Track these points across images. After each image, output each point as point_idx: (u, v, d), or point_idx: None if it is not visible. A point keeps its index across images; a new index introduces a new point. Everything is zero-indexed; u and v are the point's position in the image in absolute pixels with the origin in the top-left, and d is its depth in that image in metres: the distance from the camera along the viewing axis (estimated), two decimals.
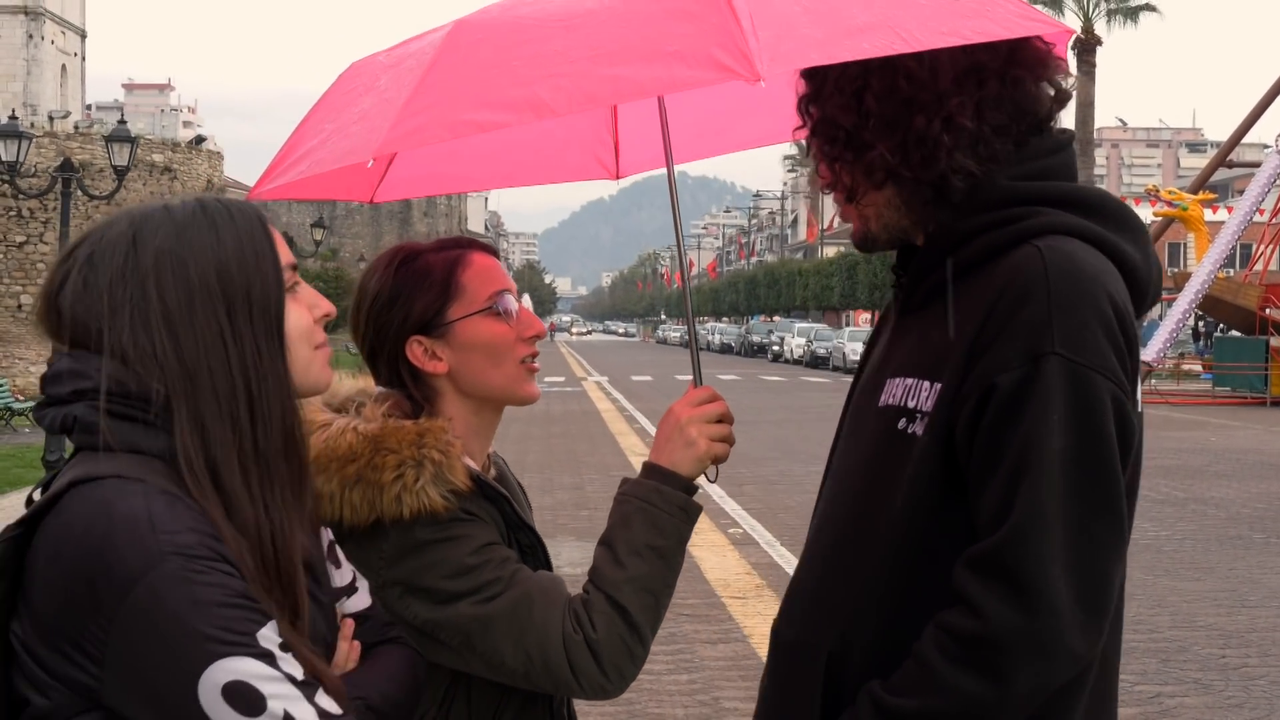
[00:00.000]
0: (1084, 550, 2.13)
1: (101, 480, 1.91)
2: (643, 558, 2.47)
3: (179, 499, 1.91)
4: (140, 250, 2.01)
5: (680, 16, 2.17)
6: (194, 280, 2.01)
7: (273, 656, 1.87)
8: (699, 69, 2.10)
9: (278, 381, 2.07)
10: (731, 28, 2.09)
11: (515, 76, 2.21)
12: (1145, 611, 10.99)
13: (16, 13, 60.09)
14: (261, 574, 1.97)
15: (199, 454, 1.97)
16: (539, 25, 2.28)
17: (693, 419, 2.54)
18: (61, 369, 2.04)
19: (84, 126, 51.46)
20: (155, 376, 1.97)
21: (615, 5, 2.26)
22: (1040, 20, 2.34)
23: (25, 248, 44.54)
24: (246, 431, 2.02)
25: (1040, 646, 2.11)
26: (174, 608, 1.83)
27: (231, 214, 2.08)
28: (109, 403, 1.97)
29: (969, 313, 2.24)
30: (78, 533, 1.88)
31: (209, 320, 2.01)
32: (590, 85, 2.17)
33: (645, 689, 8.53)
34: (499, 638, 2.42)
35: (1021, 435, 2.14)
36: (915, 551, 2.27)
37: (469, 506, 2.48)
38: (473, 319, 2.61)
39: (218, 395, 2.00)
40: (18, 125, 24.75)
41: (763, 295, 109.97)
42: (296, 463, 2.11)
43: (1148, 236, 2.37)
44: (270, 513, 2.02)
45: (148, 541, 1.84)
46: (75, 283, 2.02)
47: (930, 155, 2.29)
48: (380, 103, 2.38)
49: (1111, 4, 58.35)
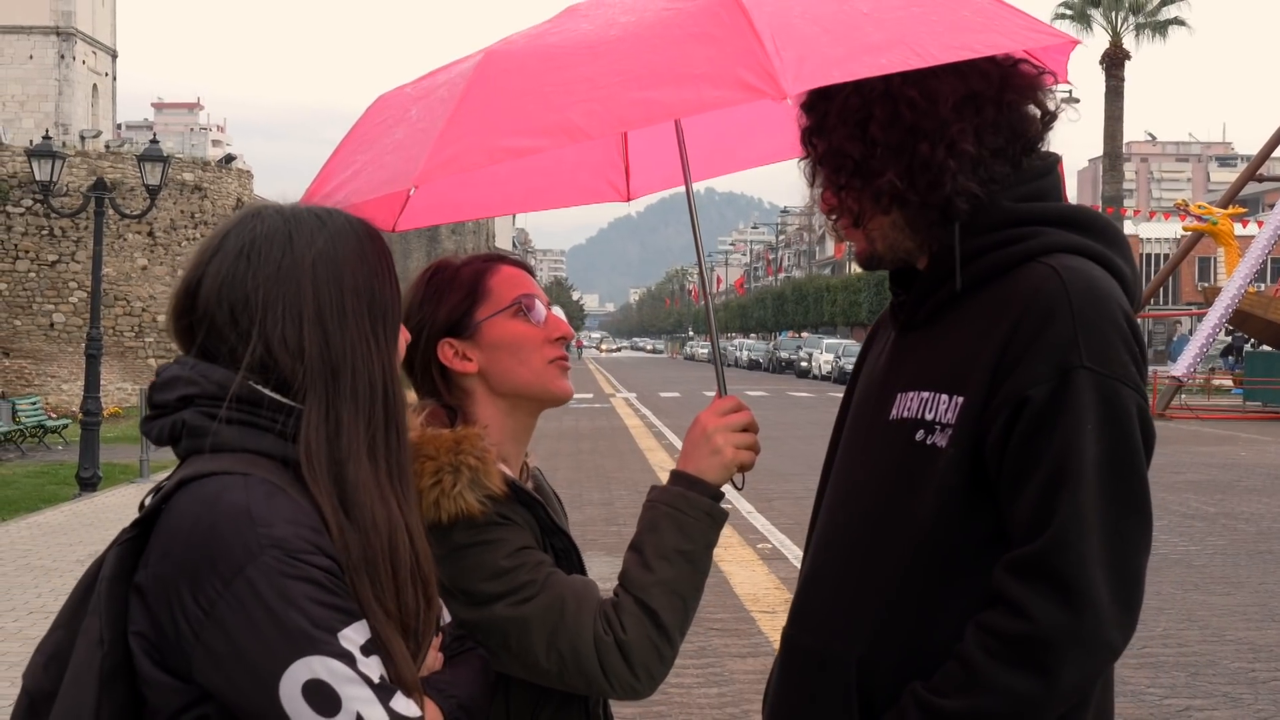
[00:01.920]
0: (1120, 550, 2.27)
1: (209, 477, 1.99)
2: (671, 562, 2.54)
3: (280, 491, 1.98)
4: (299, 249, 2.11)
5: (704, 40, 2.24)
6: (346, 285, 2.11)
7: (352, 658, 1.93)
8: (726, 89, 2.17)
9: (402, 390, 2.19)
10: (755, 49, 2.17)
11: (547, 103, 2.28)
12: (1175, 625, 11.00)
13: (48, 33, 60.52)
14: (373, 567, 2.04)
15: (325, 445, 2.05)
16: (566, 53, 2.36)
17: (719, 428, 2.62)
18: (170, 376, 2.12)
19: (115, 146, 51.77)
20: (298, 371, 2.06)
21: (639, 31, 2.34)
22: (1046, 31, 2.45)
23: (57, 266, 44.79)
24: (380, 430, 2.11)
25: (1084, 643, 2.24)
26: (268, 601, 1.90)
27: (370, 232, 2.20)
28: (218, 407, 2.05)
29: (987, 329, 2.36)
30: (186, 528, 1.96)
31: (357, 324, 2.11)
32: (621, 108, 2.24)
33: (675, 702, 8.59)
34: (533, 639, 2.49)
35: (1057, 445, 2.27)
36: (941, 557, 2.37)
37: (504, 511, 2.56)
38: (499, 318, 2.71)
39: (356, 394, 2.09)
40: (51, 145, 24.92)
41: (790, 311, 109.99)
42: (412, 468, 2.23)
43: (1131, 250, 2.50)
44: (403, 509, 2.12)
45: (246, 534, 1.92)
46: (225, 274, 2.10)
47: (936, 180, 2.39)
48: (414, 133, 2.45)
49: (1140, 18, 58.29)
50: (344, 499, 2.04)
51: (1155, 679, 9.30)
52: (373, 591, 2.02)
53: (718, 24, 2.25)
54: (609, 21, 2.43)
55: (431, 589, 2.15)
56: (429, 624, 2.15)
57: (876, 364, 2.65)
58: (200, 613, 1.92)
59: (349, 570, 2.00)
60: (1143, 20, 58.34)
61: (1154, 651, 10.04)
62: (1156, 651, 10.06)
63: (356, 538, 2.03)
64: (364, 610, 2.00)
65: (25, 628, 10.85)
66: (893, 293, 2.62)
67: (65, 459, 26.57)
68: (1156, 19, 58.45)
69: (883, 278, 2.66)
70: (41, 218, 43.60)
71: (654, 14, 2.38)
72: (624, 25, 2.38)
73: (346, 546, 2.01)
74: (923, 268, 2.51)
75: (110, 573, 2.02)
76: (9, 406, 30.78)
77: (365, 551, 2.03)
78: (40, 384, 43.39)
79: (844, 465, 2.63)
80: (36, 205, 42.39)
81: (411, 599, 2.09)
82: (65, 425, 31.45)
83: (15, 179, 44.16)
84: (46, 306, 44.68)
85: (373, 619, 2.00)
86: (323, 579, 1.95)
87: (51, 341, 44.62)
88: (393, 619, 2.05)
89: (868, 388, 2.64)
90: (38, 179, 24.29)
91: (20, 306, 44.85)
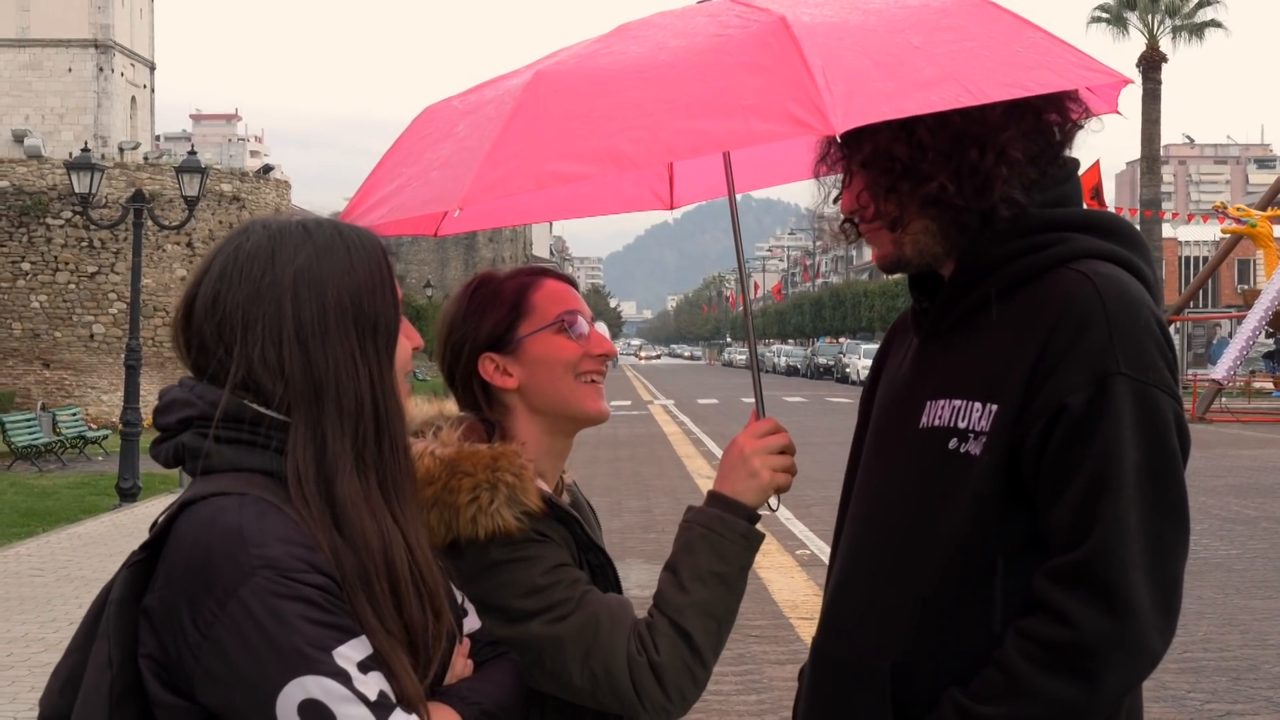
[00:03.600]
0: (1160, 556, 2.27)
1: (206, 499, 2.00)
2: (706, 584, 2.54)
3: (272, 509, 1.99)
4: (279, 266, 2.09)
5: (754, 70, 2.22)
6: (330, 301, 2.09)
7: (348, 676, 1.93)
8: (775, 123, 2.15)
9: (398, 402, 2.16)
10: (805, 81, 2.14)
11: (595, 129, 2.26)
12: (1216, 630, 10.94)
13: (87, 46, 60.90)
14: (368, 583, 2.03)
15: (312, 464, 2.04)
16: (616, 77, 2.34)
17: (756, 450, 2.62)
18: (170, 399, 2.13)
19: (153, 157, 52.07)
20: (279, 389, 2.06)
21: (689, 58, 2.32)
22: (1099, 70, 2.43)
23: (96, 278, 45.02)
24: (371, 446, 2.10)
25: (1128, 649, 2.25)
26: (260, 621, 1.91)
27: (363, 243, 2.17)
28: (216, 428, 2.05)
29: (1019, 336, 2.36)
30: (185, 551, 1.97)
31: (342, 340, 2.09)
32: (668, 137, 2.22)
33: (714, 709, 8.58)
34: (567, 657, 2.50)
35: (1096, 452, 2.27)
36: (975, 564, 2.37)
37: (541, 528, 2.56)
38: (542, 334, 2.71)
39: (341, 410, 2.07)
40: (90, 158, 25.07)
41: (828, 317, 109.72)
42: (414, 481, 2.21)
43: (1151, 253, 2.50)
44: (399, 523, 2.10)
45: (239, 556, 1.93)
46: (210, 294, 2.10)
47: (984, 186, 2.39)
48: (460, 150, 2.43)
49: (1176, 21, 57.94)
50: (335, 516, 2.03)
51: (1196, 684, 9.24)
52: (371, 607, 2.02)
53: (768, 53, 2.23)
54: (659, 45, 2.41)
55: (438, 601, 2.13)
56: (438, 636, 2.12)
57: (899, 371, 2.64)
58: (199, 635, 1.93)
59: (346, 586, 2.00)
60: (1179, 23, 58.01)
61: (1195, 656, 9.98)
62: (1197, 656, 10.00)
63: (350, 554, 2.02)
64: (363, 626, 1.99)
65: (66, 639, 10.80)
66: (914, 298, 2.61)
67: (105, 470, 26.71)
68: (1193, 21, 58.10)
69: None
70: (81, 230, 43.83)
71: (704, 39, 2.36)
72: (674, 50, 2.36)
73: (341, 563, 2.00)
74: (948, 273, 2.51)
75: (119, 595, 2.03)
76: (50, 418, 30.96)
77: (360, 568, 2.02)
78: (80, 395, 43.65)
79: (870, 474, 2.63)
80: (76, 217, 42.59)
81: (416, 613, 2.08)
82: (105, 436, 31.61)
83: (55, 191, 44.40)
84: (86, 318, 44.92)
85: (372, 635, 1.99)
86: (316, 597, 1.95)
87: (91, 353, 44.86)
88: (395, 634, 2.04)
89: (891, 396, 2.63)
90: (76, 191, 24.46)
91: (60, 318, 45.10)
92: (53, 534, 17.35)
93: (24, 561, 14.98)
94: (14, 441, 27.63)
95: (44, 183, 45.19)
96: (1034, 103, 2.41)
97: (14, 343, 44.91)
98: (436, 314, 2.78)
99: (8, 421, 28.23)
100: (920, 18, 2.39)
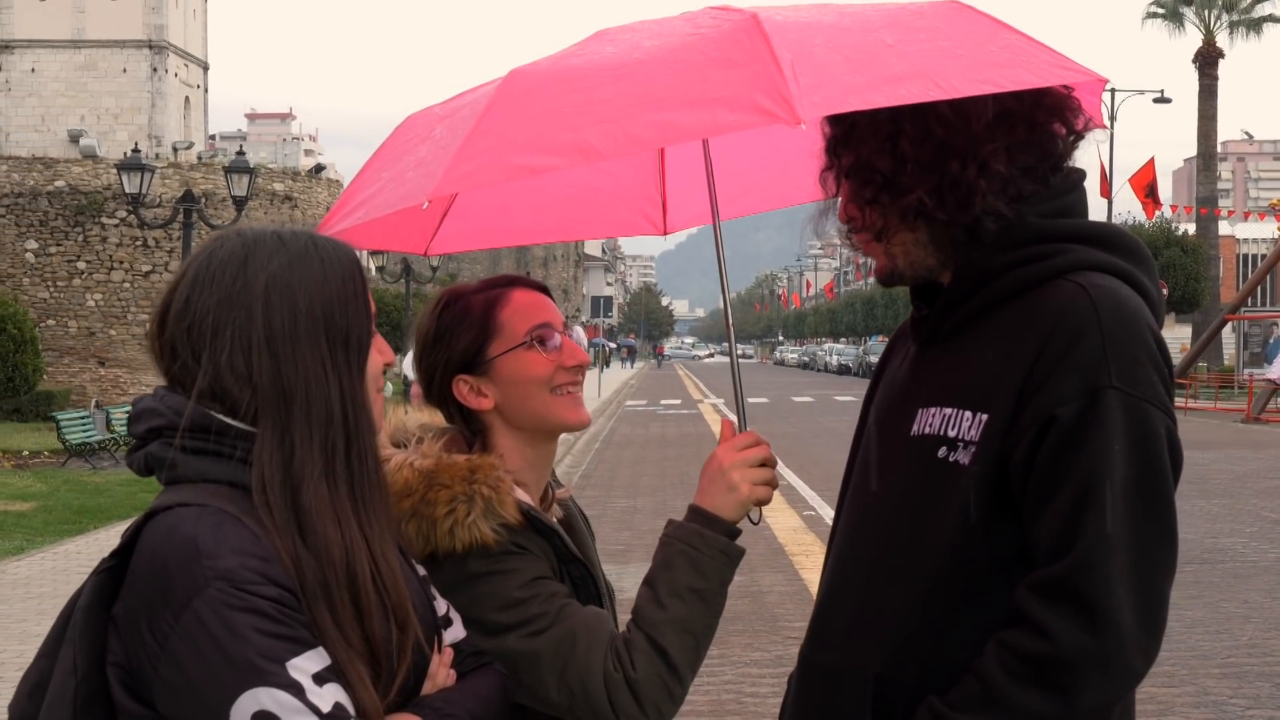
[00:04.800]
0: (1145, 574, 2.24)
1: (169, 510, 2.01)
2: (684, 600, 2.53)
3: (231, 520, 1.99)
4: (251, 273, 2.09)
5: (724, 64, 2.24)
6: (301, 309, 2.09)
7: (301, 688, 1.92)
8: (741, 113, 2.17)
9: (368, 413, 2.16)
10: (773, 74, 2.15)
11: (565, 123, 2.28)
12: (1261, 635, 10.82)
13: (141, 47, 61.40)
14: (329, 593, 2.03)
15: (279, 471, 2.04)
16: (590, 74, 2.36)
17: (735, 463, 2.60)
18: (141, 408, 2.14)
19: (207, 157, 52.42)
20: (246, 397, 2.06)
21: (662, 56, 2.34)
22: (1073, 69, 2.41)
23: (151, 276, 45.42)
24: (341, 456, 2.09)
25: (1106, 666, 2.22)
26: (214, 633, 1.91)
27: (337, 254, 2.17)
28: (181, 438, 2.06)
29: (1012, 346, 2.34)
30: (145, 561, 1.99)
31: (312, 349, 2.09)
32: (636, 129, 2.23)
33: (750, 711, 8.55)
34: (544, 672, 2.49)
35: (1084, 465, 2.24)
36: (962, 575, 2.35)
37: (520, 540, 2.55)
38: (512, 354, 2.69)
39: (310, 419, 2.07)
40: (140, 158, 25.30)
41: (880, 315, 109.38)
42: (385, 491, 2.20)
43: (1156, 268, 2.47)
44: (364, 531, 2.10)
45: (193, 568, 1.94)
46: (183, 300, 2.11)
47: (966, 199, 2.37)
48: (436, 150, 2.46)
49: (1233, 16, 57.56)
50: (299, 524, 2.03)
51: (1239, 689, 9.15)
52: (331, 617, 2.01)
53: (739, 49, 2.25)
54: (634, 45, 2.43)
55: (404, 614, 2.12)
56: (403, 649, 2.12)
57: (896, 377, 2.63)
58: (156, 645, 1.94)
59: (306, 596, 2.00)
60: (1236, 18, 57.65)
61: (1238, 661, 9.89)
62: (1241, 661, 9.90)
63: (312, 563, 2.02)
64: (323, 638, 1.99)
65: None
66: (914, 306, 2.60)
67: None
68: (1250, 16, 57.75)
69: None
70: (135, 229, 44.22)
71: (679, 39, 2.38)
72: (648, 49, 2.38)
73: (302, 571, 2.00)
74: (946, 283, 2.49)
75: (86, 601, 2.04)
76: (104, 415, 31.22)
77: (320, 577, 2.02)
78: (135, 392, 43.96)
79: (862, 480, 2.61)
80: (130, 216, 42.96)
81: (378, 624, 2.07)
82: None
83: (109, 191, 44.81)
84: (141, 316, 45.31)
85: (331, 646, 1.99)
86: (270, 609, 1.95)
87: (145, 350, 45.01)
88: (355, 645, 2.03)
89: (887, 401, 2.62)
90: (127, 191, 24.68)
91: (115, 316, 45.56)
92: (104, 530, 17.48)
93: (73, 559, 15.10)
94: (68, 439, 27.87)
95: (99, 182, 45.63)
96: (1026, 113, 2.40)
97: (70, 340, 45.38)
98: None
99: (62, 419, 28.48)
100: (894, 19, 2.41)
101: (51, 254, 45.84)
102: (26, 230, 45.92)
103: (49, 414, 32.66)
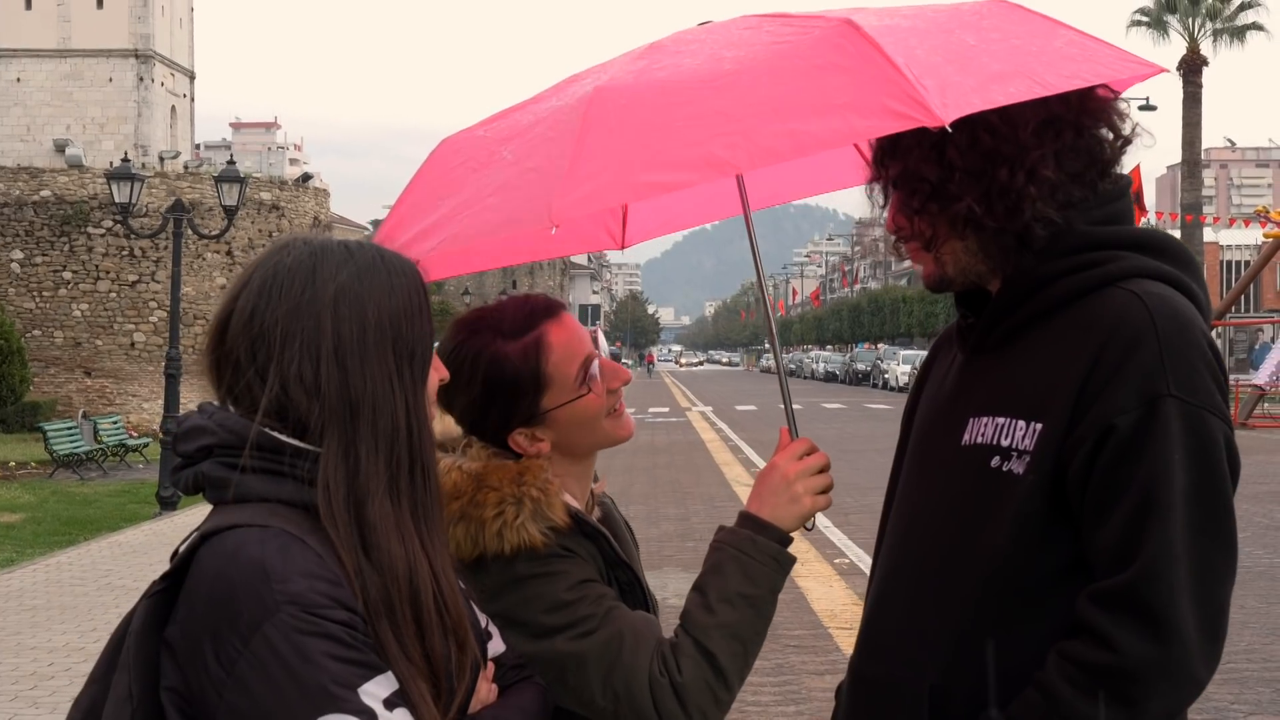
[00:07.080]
0: (1207, 583, 2.24)
1: (228, 531, 1.95)
2: (733, 605, 2.51)
3: (296, 542, 1.94)
4: (320, 282, 2.05)
5: (833, 70, 2.20)
6: (370, 321, 2.05)
7: (373, 714, 1.89)
8: (876, 118, 2.13)
9: (430, 429, 2.13)
10: (895, 77, 2.12)
11: (682, 137, 2.23)
12: (1260, 640, 10.84)
13: (127, 56, 61.20)
14: (392, 610, 1.99)
15: (344, 484, 2.00)
16: (684, 88, 2.31)
17: (800, 473, 2.58)
18: (190, 426, 2.09)
19: (193, 166, 52.32)
20: (313, 408, 2.01)
21: (755, 65, 2.30)
22: (1137, 61, 2.42)
23: (137, 286, 45.34)
24: (405, 470, 2.06)
25: (1171, 676, 2.21)
26: (285, 659, 1.87)
27: (403, 267, 2.14)
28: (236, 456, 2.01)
29: (1067, 355, 2.32)
30: (207, 584, 1.93)
31: (380, 361, 2.05)
32: (767, 140, 2.19)
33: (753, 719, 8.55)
34: (590, 675, 2.47)
35: (1144, 474, 2.23)
36: (1017, 585, 2.34)
37: (567, 543, 2.54)
38: (569, 404, 2.64)
39: (376, 431, 2.03)
40: (130, 167, 25.22)
41: (867, 322, 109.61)
42: (442, 508, 2.17)
43: (1203, 273, 2.46)
44: (426, 548, 2.06)
45: (263, 591, 1.89)
46: (248, 309, 2.05)
47: (1015, 206, 2.36)
48: (526, 171, 2.40)
49: (1217, 24, 57.65)
50: (363, 539, 1.99)
51: (1239, 695, 9.15)
52: (393, 635, 1.98)
53: (843, 54, 2.22)
54: (715, 56, 2.38)
55: (463, 633, 2.09)
56: (462, 668, 2.09)
57: (942, 386, 2.61)
58: (222, 671, 1.89)
59: (370, 616, 1.96)
60: (1220, 26, 57.70)
61: (1238, 667, 9.88)
62: (1241, 667, 9.90)
63: (376, 579, 1.98)
64: (388, 660, 1.96)
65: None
66: (960, 315, 2.58)
67: (146, 478, 26.84)
68: (1234, 24, 57.79)
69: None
70: (122, 238, 44.15)
71: (764, 47, 2.34)
72: (735, 59, 2.34)
73: (366, 588, 1.96)
74: (995, 290, 2.47)
75: (139, 626, 1.99)
76: (91, 426, 31.16)
77: (384, 593, 1.98)
78: (121, 403, 43.95)
79: (910, 490, 2.60)
80: (116, 226, 42.89)
81: (438, 643, 2.04)
82: (146, 444, 31.81)
83: (95, 200, 44.77)
84: (127, 326, 45.26)
85: (397, 668, 1.96)
86: (341, 634, 1.91)
87: (132, 361, 45.16)
88: (416, 663, 2.00)
89: (934, 411, 2.60)
90: (116, 201, 24.62)
91: (102, 326, 45.45)
92: (94, 542, 17.43)
93: (65, 570, 15.05)
94: (56, 449, 27.81)
95: (85, 192, 45.59)
96: (1073, 118, 2.38)
97: (56, 351, 45.29)
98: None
99: (50, 430, 28.42)
100: (962, 20, 2.39)
101: (37, 264, 45.75)
102: (12, 240, 45.85)
103: (36, 425, 32.63)
